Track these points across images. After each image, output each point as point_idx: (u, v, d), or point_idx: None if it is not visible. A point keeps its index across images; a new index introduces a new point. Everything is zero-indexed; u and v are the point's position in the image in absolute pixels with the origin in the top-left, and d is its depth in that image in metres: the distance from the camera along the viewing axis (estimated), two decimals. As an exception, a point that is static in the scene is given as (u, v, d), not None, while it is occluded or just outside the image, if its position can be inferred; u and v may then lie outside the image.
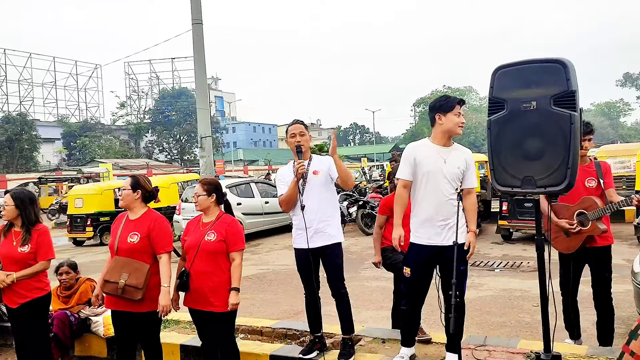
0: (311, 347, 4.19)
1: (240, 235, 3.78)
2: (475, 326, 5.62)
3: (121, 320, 3.82)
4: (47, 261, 4.08)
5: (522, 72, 2.97)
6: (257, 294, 7.83)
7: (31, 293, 4.00)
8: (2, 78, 59.77)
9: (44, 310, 4.15)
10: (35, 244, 4.00)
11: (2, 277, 3.94)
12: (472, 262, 9.17)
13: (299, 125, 4.15)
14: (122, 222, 3.87)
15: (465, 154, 3.63)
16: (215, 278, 3.67)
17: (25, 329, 4.04)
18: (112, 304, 3.80)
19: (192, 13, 18.32)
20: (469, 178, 3.59)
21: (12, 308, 4.04)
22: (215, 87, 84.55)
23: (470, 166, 3.58)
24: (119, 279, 3.66)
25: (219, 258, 3.69)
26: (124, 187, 3.88)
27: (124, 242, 3.75)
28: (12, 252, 3.99)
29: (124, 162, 49.92)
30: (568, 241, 4.07)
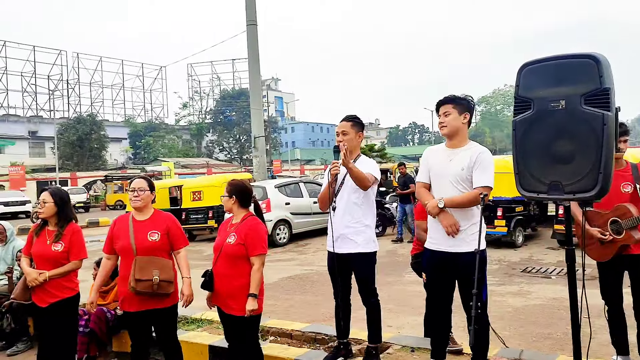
0: (336, 353, 4.09)
1: (260, 240, 3.67)
2: (517, 337, 5.33)
3: (140, 321, 3.84)
4: (80, 261, 4.15)
5: (550, 69, 2.73)
6: (297, 295, 7.80)
7: (62, 293, 4.05)
8: (76, 81, 62.86)
9: (73, 310, 4.22)
10: (68, 243, 4.06)
11: (34, 276, 3.97)
12: (523, 268, 8.78)
13: (345, 123, 4.03)
14: (129, 224, 3.87)
15: (473, 152, 3.39)
16: (233, 282, 3.62)
17: (54, 328, 4.07)
18: (134, 304, 3.78)
19: (246, 15, 18.65)
20: (476, 177, 3.34)
21: (41, 307, 4.06)
22: (274, 87, 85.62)
23: (477, 164, 3.34)
24: (152, 276, 3.70)
25: (238, 261, 3.63)
26: (142, 188, 3.90)
27: (145, 241, 3.78)
28: (46, 251, 4.04)
29: (186, 161, 51.40)
30: (602, 249, 3.79)
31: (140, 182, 3.94)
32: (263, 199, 13.10)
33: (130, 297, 3.77)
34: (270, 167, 43.31)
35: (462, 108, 3.44)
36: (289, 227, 13.36)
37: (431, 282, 3.69)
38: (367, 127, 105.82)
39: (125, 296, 3.80)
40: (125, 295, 3.80)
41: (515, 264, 9.18)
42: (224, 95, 66.37)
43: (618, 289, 3.92)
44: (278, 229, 13.09)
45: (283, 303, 7.36)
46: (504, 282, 7.91)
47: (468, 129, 3.54)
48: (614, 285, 3.91)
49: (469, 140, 3.54)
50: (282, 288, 8.32)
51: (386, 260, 10.22)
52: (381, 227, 13.55)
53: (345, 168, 3.79)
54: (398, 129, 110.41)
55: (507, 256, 9.89)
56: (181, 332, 5.12)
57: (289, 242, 13.26)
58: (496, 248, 10.56)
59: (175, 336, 4.02)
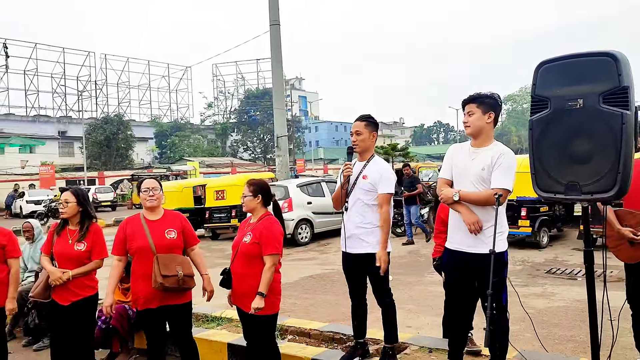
0: (352, 353, 4.09)
1: (274, 239, 3.68)
2: (538, 340, 5.24)
3: (158, 318, 3.89)
4: (101, 260, 4.22)
5: (567, 68, 2.69)
6: (318, 295, 7.81)
7: (83, 291, 4.12)
8: (103, 81, 63.99)
9: (93, 308, 4.29)
10: (90, 242, 4.13)
11: (58, 275, 4.03)
12: (548, 270, 8.64)
13: (359, 123, 4.02)
14: (143, 224, 3.91)
15: (495, 152, 3.31)
16: (249, 281, 3.65)
17: (74, 327, 4.13)
18: (154, 301, 3.83)
19: (269, 14, 18.71)
20: (494, 177, 3.27)
21: (62, 305, 4.11)
22: (298, 86, 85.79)
23: (497, 165, 3.26)
24: (176, 272, 3.77)
25: (254, 261, 3.66)
26: (156, 188, 3.95)
27: (163, 239, 3.84)
28: (68, 250, 4.09)
29: (210, 160, 51.87)
30: (632, 250, 3.68)
31: (153, 182, 3.99)
32: (285, 199, 13.16)
33: (150, 295, 3.81)
34: (294, 166, 43.48)
35: (486, 107, 3.37)
36: (310, 226, 13.39)
37: (450, 282, 3.67)
38: (392, 126, 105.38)
39: (144, 294, 3.83)
40: (143, 294, 3.83)
41: (539, 265, 9.04)
42: (248, 95, 66.79)
43: None
44: (300, 228, 13.13)
45: (303, 302, 7.38)
46: (527, 283, 7.79)
47: (495, 127, 3.47)
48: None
49: (494, 140, 3.47)
50: (303, 287, 8.35)
51: (407, 261, 10.17)
52: (404, 227, 13.47)
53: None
54: (422, 127, 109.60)
55: (531, 257, 9.74)
56: (201, 330, 5.19)
57: (310, 242, 13.29)
58: (520, 249, 10.41)
59: (190, 333, 4.09)
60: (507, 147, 3.44)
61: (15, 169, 39.69)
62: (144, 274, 3.81)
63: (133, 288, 3.98)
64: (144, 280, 3.80)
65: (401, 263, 9.90)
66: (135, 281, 3.93)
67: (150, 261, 3.78)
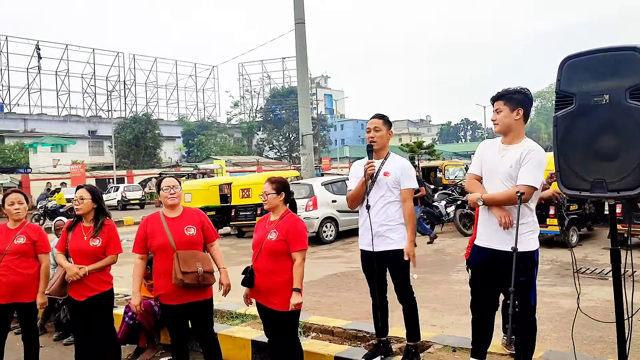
0: (375, 351, 4.09)
1: (301, 235, 3.74)
2: (566, 340, 5.15)
3: (180, 314, 3.93)
4: (116, 255, 4.28)
5: (593, 63, 2.63)
6: (342, 292, 7.81)
7: (100, 286, 4.18)
8: (132, 81, 65.12)
9: (109, 303, 4.36)
10: (105, 238, 4.19)
11: (75, 270, 4.08)
12: (577, 269, 8.45)
13: (376, 119, 4.04)
14: (162, 221, 3.95)
15: (524, 149, 3.27)
16: (275, 277, 3.68)
17: (92, 322, 4.20)
18: (175, 298, 3.87)
19: (294, 13, 18.77)
20: (520, 175, 3.23)
21: (79, 301, 4.18)
22: (324, 85, 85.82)
23: (525, 162, 3.22)
24: (196, 268, 3.81)
25: (280, 257, 3.70)
26: (176, 186, 3.99)
27: (182, 235, 3.88)
28: (84, 246, 4.15)
29: (237, 159, 52.26)
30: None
31: (173, 181, 4.03)
32: (310, 197, 13.19)
33: (171, 291, 3.85)
34: (319, 164, 43.51)
35: (514, 103, 3.33)
36: (335, 224, 13.38)
37: (475, 279, 3.66)
38: (418, 123, 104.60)
39: (166, 291, 3.88)
40: (165, 290, 3.88)
41: (568, 265, 8.86)
42: (274, 94, 67.11)
43: None
44: (324, 226, 13.13)
45: (327, 300, 7.39)
46: (556, 282, 7.66)
47: (525, 123, 3.42)
48: None
49: (525, 137, 3.42)
50: (327, 285, 8.36)
51: (433, 259, 10.09)
52: (430, 225, 13.38)
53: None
54: (449, 125, 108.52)
55: (559, 256, 9.57)
56: (225, 326, 5.25)
57: (335, 240, 13.28)
58: (549, 248, 10.23)
59: (212, 329, 4.12)
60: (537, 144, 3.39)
61: (47, 168, 40.65)
62: (164, 271, 3.85)
63: (155, 285, 4.03)
64: (165, 277, 3.84)
65: (427, 262, 9.83)
66: (157, 278, 3.97)
67: (170, 258, 3.82)
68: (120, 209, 31.63)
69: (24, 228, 4.46)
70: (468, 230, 12.43)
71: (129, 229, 18.97)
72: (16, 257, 4.34)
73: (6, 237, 4.40)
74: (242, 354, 4.79)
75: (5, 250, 4.33)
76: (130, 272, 4.25)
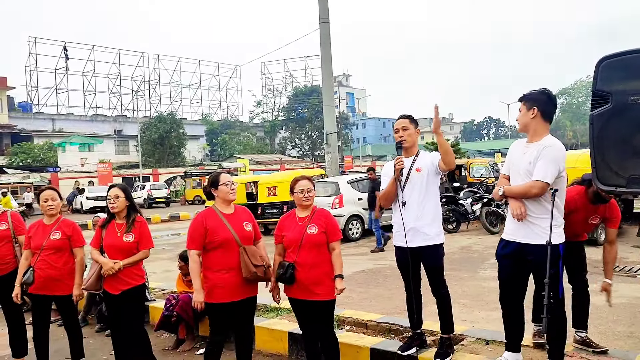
0: (410, 343, 4.20)
1: (337, 227, 4.01)
2: (597, 335, 5.20)
3: (234, 310, 3.93)
4: (148, 250, 4.45)
5: (629, 63, 2.72)
6: (371, 289, 7.93)
7: (133, 280, 4.34)
8: (156, 81, 65.99)
9: (142, 296, 4.56)
10: (138, 233, 4.36)
11: (111, 265, 4.23)
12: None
13: (403, 120, 4.17)
14: (221, 217, 3.96)
15: (540, 145, 3.41)
16: (319, 269, 3.86)
17: (126, 314, 4.35)
18: (239, 292, 3.89)
19: (319, 12, 18.90)
20: (535, 170, 3.38)
21: (114, 294, 4.31)
22: (346, 83, 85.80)
23: (540, 157, 3.36)
24: (263, 262, 3.96)
25: (322, 249, 3.89)
26: (234, 182, 4.10)
27: (243, 231, 3.97)
28: (118, 242, 4.30)
29: (260, 157, 52.67)
30: None
31: (229, 176, 4.13)
32: (336, 194, 13.32)
33: (235, 286, 3.84)
34: (342, 163, 43.59)
35: (530, 103, 3.50)
36: (361, 222, 13.49)
37: (502, 272, 3.77)
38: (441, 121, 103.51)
39: (230, 286, 3.84)
40: (229, 285, 3.84)
41: (597, 262, 8.76)
42: (296, 93, 67.36)
43: None
44: (351, 224, 13.25)
45: (357, 295, 7.51)
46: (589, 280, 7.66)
47: (546, 121, 3.48)
48: None
49: (547, 135, 3.51)
50: (356, 281, 8.48)
51: (460, 257, 10.14)
52: (455, 223, 13.42)
53: (437, 140, 3.92)
54: (473, 123, 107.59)
55: (588, 254, 9.32)
56: (262, 319, 5.42)
57: (361, 237, 13.40)
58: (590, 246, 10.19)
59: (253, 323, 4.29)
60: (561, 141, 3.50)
61: (75, 167, 41.51)
62: (228, 266, 3.84)
63: (213, 281, 3.86)
64: (229, 272, 3.83)
65: (453, 259, 9.88)
66: (215, 274, 3.85)
67: (235, 253, 3.85)
68: (146, 207, 32.14)
69: (58, 223, 4.65)
70: (494, 228, 12.44)
71: (156, 227, 19.35)
72: (52, 252, 4.54)
73: (43, 232, 4.59)
74: (279, 345, 4.95)
75: (43, 246, 4.53)
76: (162, 268, 4.36)
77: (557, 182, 3.38)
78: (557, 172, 3.34)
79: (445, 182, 17.60)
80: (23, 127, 48.12)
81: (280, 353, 4.96)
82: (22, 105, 55.58)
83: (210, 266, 3.89)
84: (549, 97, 3.48)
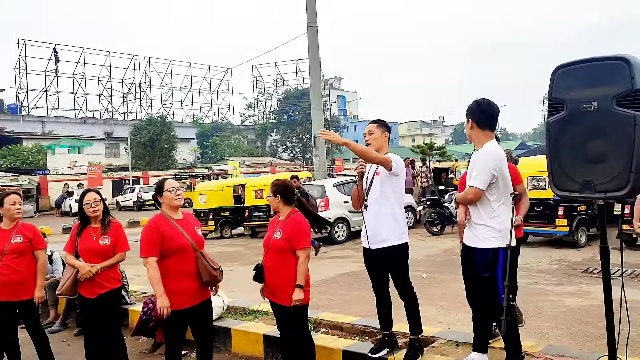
0: (380, 345, 4.26)
1: (304, 234, 3.93)
2: (568, 336, 5.31)
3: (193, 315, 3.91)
4: (125, 253, 4.45)
5: (582, 71, 2.80)
6: (353, 291, 7.99)
7: (110, 284, 4.32)
8: (147, 84, 65.83)
9: (118, 299, 4.57)
10: (114, 236, 4.36)
11: (87, 268, 4.20)
12: (585, 269, 8.57)
13: (371, 124, 4.29)
14: (173, 223, 3.91)
15: (477, 154, 3.66)
16: (280, 274, 3.90)
17: (102, 317, 4.32)
18: (198, 297, 3.93)
19: (307, 16, 19.00)
20: (472, 176, 3.62)
21: (90, 298, 4.28)
22: (337, 86, 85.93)
23: (475, 165, 3.61)
24: (218, 266, 4.04)
25: (285, 255, 3.90)
26: (179, 188, 4.05)
27: (197, 236, 3.97)
28: (94, 245, 4.29)
29: (250, 160, 52.65)
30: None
31: (176, 182, 4.06)
32: (322, 197, 13.38)
33: (194, 291, 3.84)
34: (333, 165, 43.65)
35: (467, 116, 3.78)
36: (347, 225, 13.57)
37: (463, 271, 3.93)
38: (431, 124, 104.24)
39: (189, 291, 3.81)
40: (188, 291, 3.81)
41: (576, 264, 8.97)
42: (287, 96, 67.45)
43: None
44: (336, 226, 13.32)
45: (339, 298, 7.57)
46: (563, 282, 7.78)
47: (485, 129, 3.69)
48: None
49: (487, 141, 3.68)
50: (338, 284, 8.55)
51: (443, 259, 10.24)
52: (440, 226, 13.52)
53: (347, 146, 3.95)
54: (463, 126, 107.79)
55: (568, 256, 9.67)
56: (239, 322, 5.47)
57: (347, 240, 13.47)
58: (558, 248, 10.34)
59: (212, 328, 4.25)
60: None
61: (64, 169, 41.32)
62: (187, 272, 3.79)
63: (175, 287, 3.77)
64: (187, 277, 3.79)
65: (436, 261, 9.98)
66: (174, 281, 3.77)
67: (191, 259, 3.82)
68: (136, 209, 32.10)
69: (18, 227, 4.64)
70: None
71: (145, 230, 19.31)
72: (15, 256, 4.53)
73: (3, 237, 4.57)
74: (255, 348, 5.00)
75: (4, 250, 4.51)
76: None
77: (496, 185, 3.53)
78: (489, 177, 3.49)
79: (432, 185, 17.72)
80: (12, 129, 47.78)
81: (256, 356, 5.01)
82: (11, 108, 55.16)
83: (169, 273, 3.77)
84: (479, 106, 3.69)
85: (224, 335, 5.29)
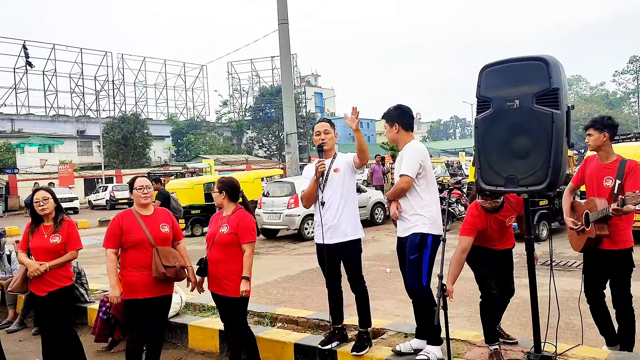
0: (330, 337, 4.36)
1: (251, 229, 4.12)
2: (518, 327, 5.49)
3: (154, 306, 4.17)
4: (76, 251, 4.48)
5: (506, 71, 2.93)
6: (316, 286, 8.08)
7: (60, 282, 4.34)
8: (121, 81, 64.94)
9: (69, 297, 4.58)
10: (65, 235, 4.38)
11: (36, 266, 4.24)
12: (543, 262, 8.79)
13: (324, 123, 4.37)
14: (137, 219, 4.22)
15: (403, 149, 3.92)
16: (226, 266, 4.05)
17: (52, 316, 4.34)
18: (152, 290, 4.16)
19: (278, 13, 19.01)
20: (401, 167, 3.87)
21: (39, 296, 4.31)
22: (314, 83, 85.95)
23: (403, 157, 3.88)
24: (174, 263, 4.16)
25: (231, 249, 4.07)
26: (149, 186, 4.23)
27: (159, 232, 4.23)
28: (44, 244, 4.31)
29: (226, 157, 52.36)
30: (577, 239, 3.98)
31: (146, 181, 4.28)
32: (291, 195, 13.46)
33: (146, 284, 4.03)
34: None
35: (391, 121, 4.00)
36: (316, 221, 13.65)
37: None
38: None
39: (141, 284, 4.03)
40: (140, 284, 4.03)
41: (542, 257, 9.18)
42: (263, 93, 67.20)
43: (597, 283, 4.04)
44: (306, 223, 13.39)
45: (301, 294, 7.67)
46: (520, 275, 7.92)
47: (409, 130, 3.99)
48: (593, 279, 4.05)
49: (410, 140, 3.97)
50: (303, 279, 8.64)
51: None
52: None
53: (355, 133, 3.98)
54: (440, 123, 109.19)
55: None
56: (196, 318, 5.52)
57: (316, 236, 13.55)
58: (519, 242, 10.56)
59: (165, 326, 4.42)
60: None
61: (34, 168, 40.60)
62: (141, 265, 4.03)
63: (128, 279, 4.08)
64: (141, 271, 4.02)
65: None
66: (130, 272, 4.07)
67: (148, 253, 4.05)
68: (109, 208, 31.77)
69: None
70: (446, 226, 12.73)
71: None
72: None
73: None
74: (211, 343, 5.07)
75: None
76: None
77: (423, 176, 3.82)
78: (416, 166, 3.76)
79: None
80: (-20, 127, 46.85)
81: (212, 351, 5.08)
82: (-21, 106, 54.02)
83: (126, 265, 4.11)
84: (403, 110, 3.98)
85: (180, 331, 5.34)
